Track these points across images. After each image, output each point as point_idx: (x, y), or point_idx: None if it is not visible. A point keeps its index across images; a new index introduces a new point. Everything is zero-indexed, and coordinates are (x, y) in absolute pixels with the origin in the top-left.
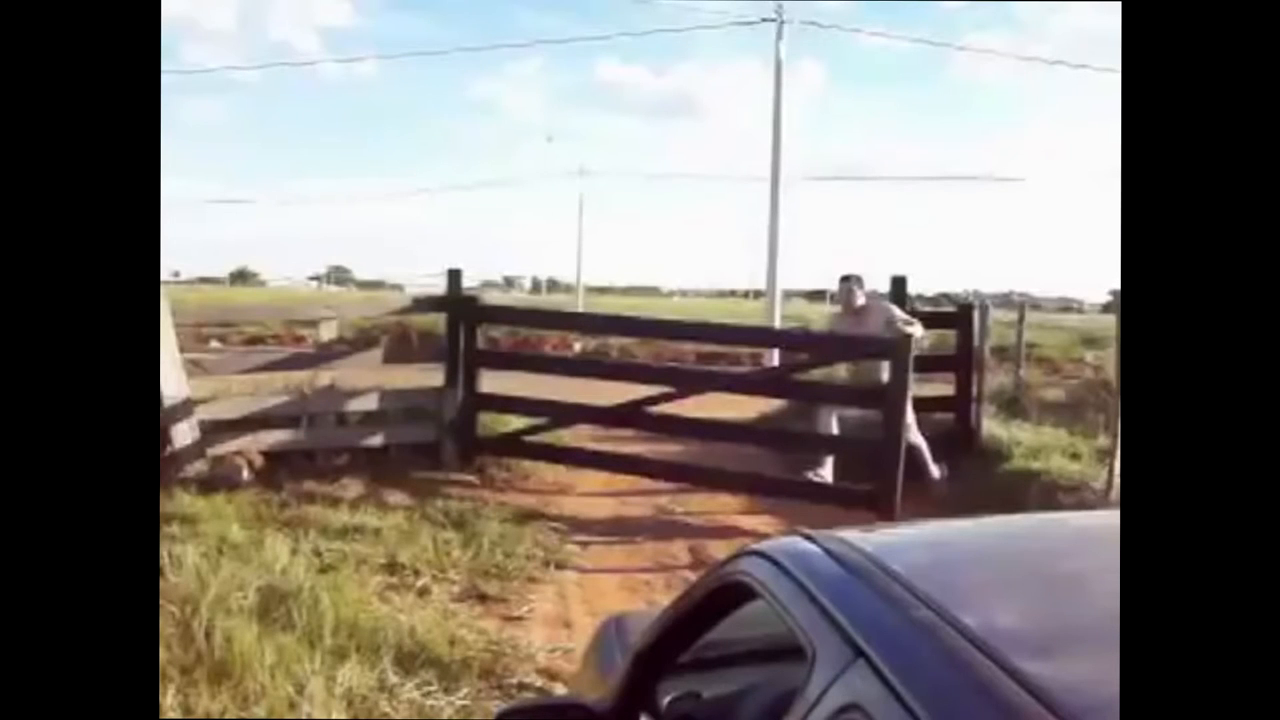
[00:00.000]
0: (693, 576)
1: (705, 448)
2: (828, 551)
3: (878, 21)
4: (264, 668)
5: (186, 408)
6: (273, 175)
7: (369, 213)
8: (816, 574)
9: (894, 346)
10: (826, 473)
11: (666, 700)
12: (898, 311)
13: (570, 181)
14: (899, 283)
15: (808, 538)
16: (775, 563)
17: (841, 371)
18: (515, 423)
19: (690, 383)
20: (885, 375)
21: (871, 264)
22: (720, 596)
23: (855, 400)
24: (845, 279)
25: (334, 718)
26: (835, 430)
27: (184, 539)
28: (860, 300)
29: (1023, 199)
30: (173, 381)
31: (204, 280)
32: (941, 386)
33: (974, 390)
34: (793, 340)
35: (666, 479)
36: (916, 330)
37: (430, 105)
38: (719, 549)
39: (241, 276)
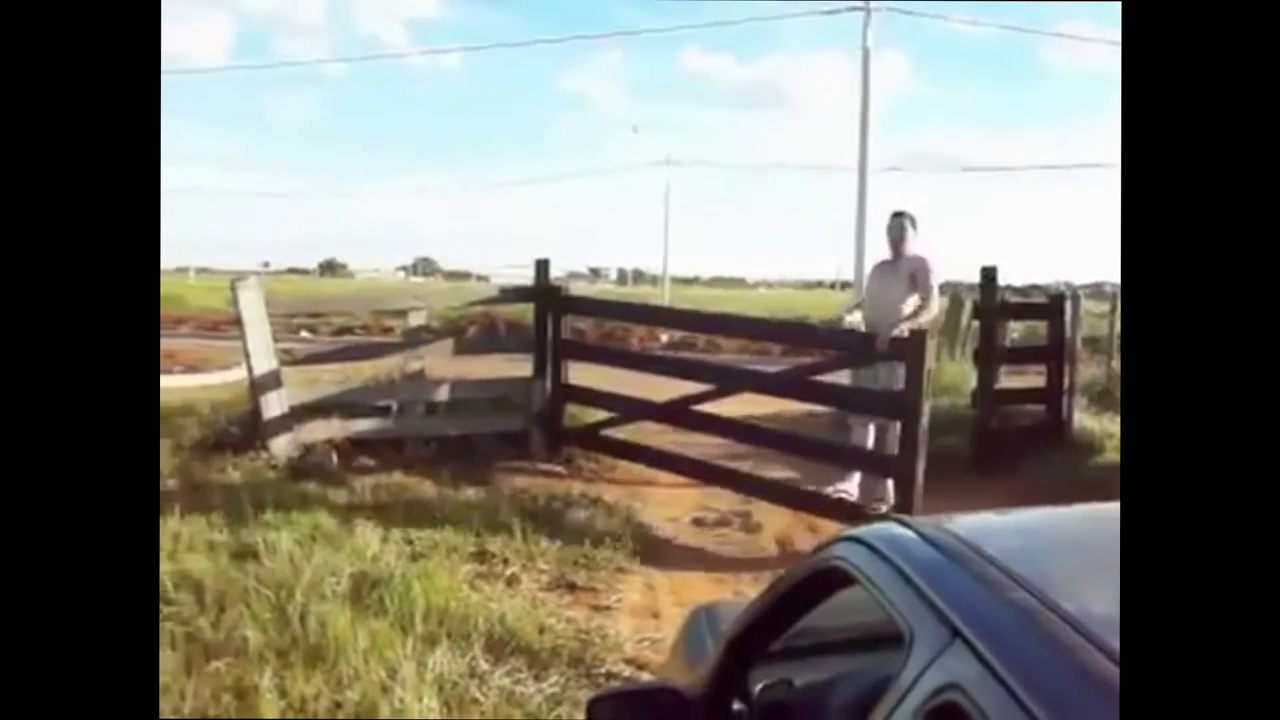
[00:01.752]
0: (779, 568)
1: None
2: (923, 536)
3: (964, 8)
4: (357, 652)
5: (279, 396)
6: (360, 167)
7: (455, 204)
8: (913, 558)
9: (908, 346)
10: (851, 487)
11: (758, 688)
12: (930, 277)
13: (656, 172)
14: (989, 273)
15: (902, 523)
16: (871, 548)
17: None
18: (600, 415)
19: (728, 381)
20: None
21: (960, 254)
22: (814, 583)
23: (872, 407)
24: (898, 214)
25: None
26: (869, 442)
27: (277, 525)
28: (911, 242)
29: (1114, 186)
30: (266, 370)
31: (293, 271)
32: (1033, 379)
33: (1065, 382)
34: (796, 336)
35: (697, 478)
36: (925, 316)
37: (516, 97)
38: (806, 540)
39: (330, 268)
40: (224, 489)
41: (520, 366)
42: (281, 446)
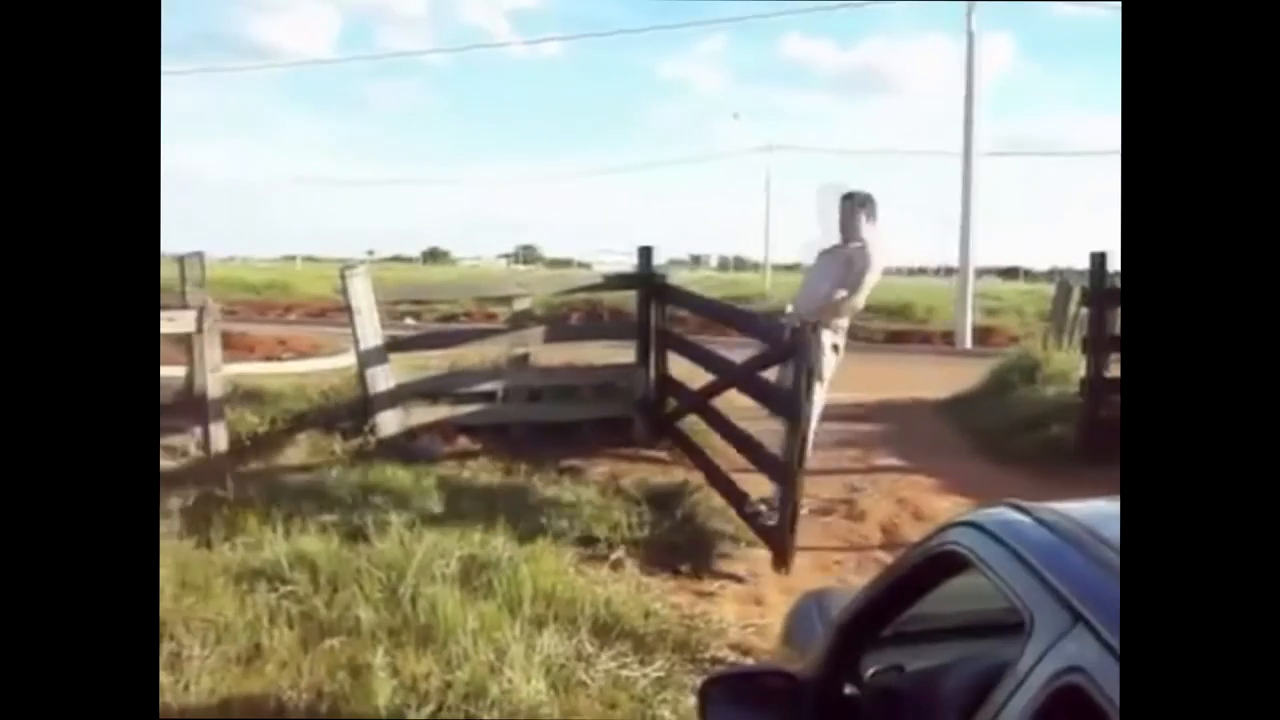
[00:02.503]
0: (885, 556)
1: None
2: (1040, 520)
3: None
4: (466, 633)
5: (385, 375)
6: (463, 156)
7: (557, 192)
8: (1031, 542)
9: (795, 340)
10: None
11: (869, 672)
12: (865, 265)
13: (756, 159)
14: (1099, 259)
15: (1018, 508)
16: (987, 532)
17: None
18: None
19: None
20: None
21: (1069, 240)
22: (928, 568)
23: (771, 405)
24: (849, 196)
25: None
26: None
27: (387, 508)
28: (865, 229)
29: None
30: (375, 354)
31: (397, 259)
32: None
33: None
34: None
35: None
36: (846, 303)
37: (617, 85)
38: (911, 528)
39: (433, 255)
40: (334, 471)
41: (623, 353)
42: (389, 422)
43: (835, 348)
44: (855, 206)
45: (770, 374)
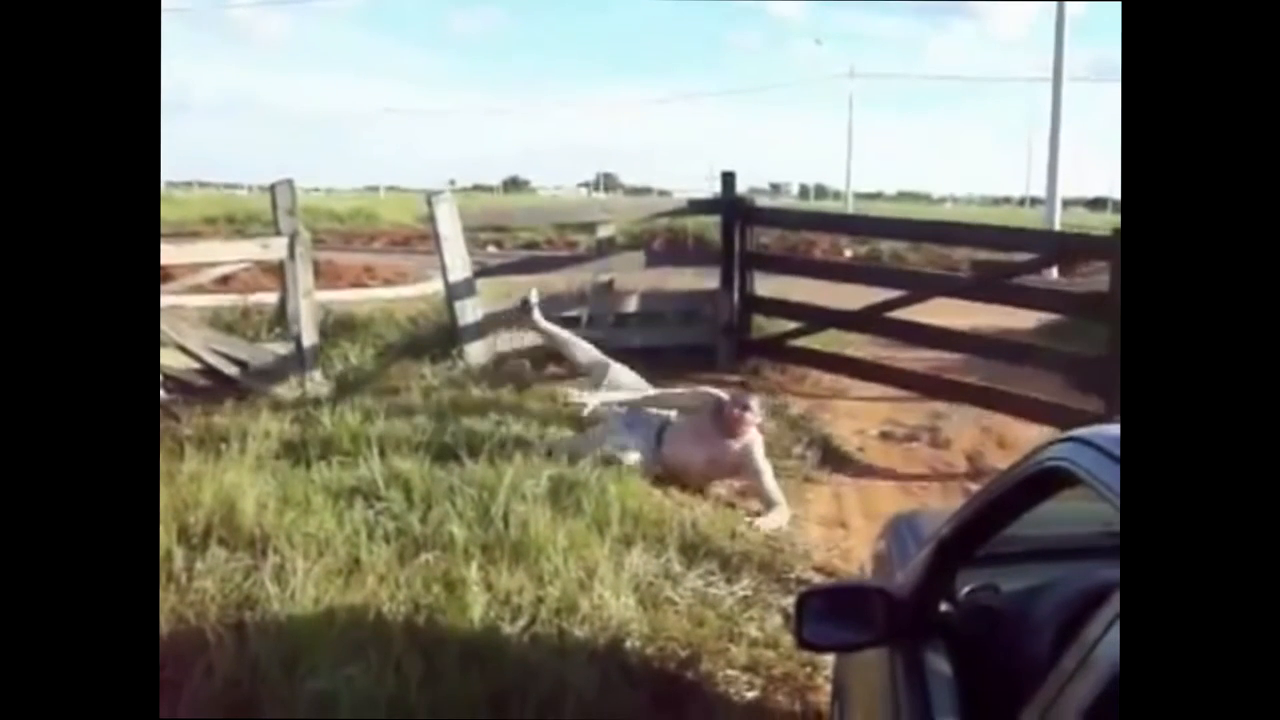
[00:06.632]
0: (970, 484)
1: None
2: None
3: None
4: (557, 551)
5: (473, 305)
6: (542, 85)
7: (636, 120)
8: None
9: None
10: None
11: (965, 591)
12: None
13: (838, 85)
14: None
15: None
16: (1099, 449)
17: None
18: (787, 327)
19: (916, 287)
20: None
21: None
22: (1033, 484)
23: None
24: None
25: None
26: None
27: (476, 429)
28: None
29: None
30: (462, 281)
31: (478, 188)
32: None
33: None
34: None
35: (908, 388)
36: None
37: (697, 11)
38: (996, 455)
39: (513, 184)
40: (424, 394)
41: (707, 279)
42: (477, 352)
43: None
44: None
45: None
